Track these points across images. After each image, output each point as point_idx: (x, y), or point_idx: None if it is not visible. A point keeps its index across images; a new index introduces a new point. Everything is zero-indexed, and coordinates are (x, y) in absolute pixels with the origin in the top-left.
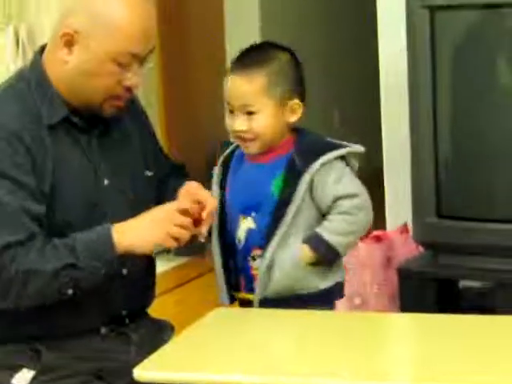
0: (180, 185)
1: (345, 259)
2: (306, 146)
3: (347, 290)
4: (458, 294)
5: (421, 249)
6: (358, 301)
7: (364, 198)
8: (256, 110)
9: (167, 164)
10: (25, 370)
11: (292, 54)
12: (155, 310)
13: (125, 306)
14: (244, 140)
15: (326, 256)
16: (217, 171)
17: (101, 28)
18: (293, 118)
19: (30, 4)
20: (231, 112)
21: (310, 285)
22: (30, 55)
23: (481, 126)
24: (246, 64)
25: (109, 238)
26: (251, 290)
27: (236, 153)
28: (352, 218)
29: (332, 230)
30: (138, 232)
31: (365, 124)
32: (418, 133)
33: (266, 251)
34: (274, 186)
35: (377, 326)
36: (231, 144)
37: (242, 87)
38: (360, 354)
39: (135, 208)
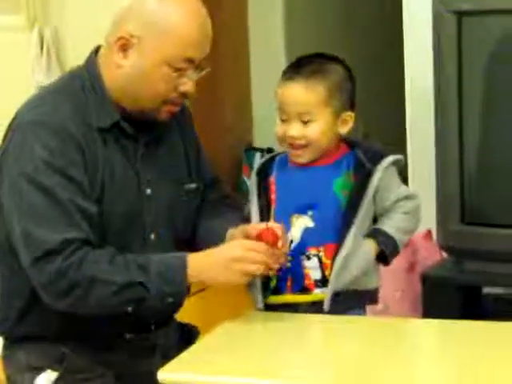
0: (217, 201)
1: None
2: (368, 149)
3: None
4: (482, 300)
5: (444, 255)
6: (380, 306)
7: (419, 200)
8: (313, 118)
9: (209, 177)
10: (49, 371)
11: (346, 66)
12: (178, 314)
13: (153, 317)
14: (296, 147)
15: (391, 253)
16: (253, 180)
17: (156, 32)
18: (344, 130)
19: (54, 6)
20: (284, 120)
21: (368, 282)
22: (54, 58)
23: (507, 135)
24: (307, 73)
25: (183, 269)
26: (301, 291)
27: (276, 161)
28: (414, 218)
29: (398, 228)
30: (213, 272)
31: (389, 131)
32: (443, 140)
33: (343, 247)
34: (336, 185)
35: (399, 331)
36: (253, 151)
37: (303, 96)
38: (382, 361)
39: (174, 220)
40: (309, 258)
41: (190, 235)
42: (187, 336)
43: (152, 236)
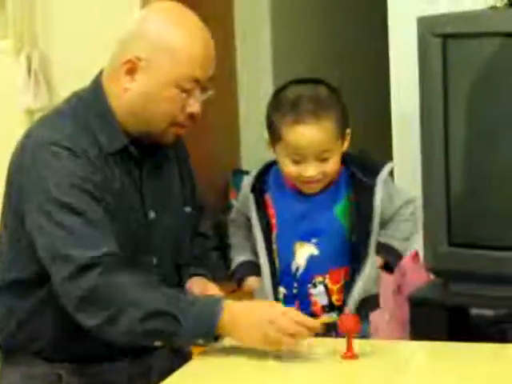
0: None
1: None
2: (361, 164)
3: None
4: (469, 322)
5: (432, 277)
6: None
7: (417, 200)
8: (331, 154)
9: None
10: None
11: (329, 85)
12: None
13: None
14: (310, 183)
15: (395, 262)
16: (250, 198)
17: (164, 53)
18: (345, 147)
19: (41, 31)
20: (297, 162)
21: (372, 288)
22: (42, 81)
23: (495, 156)
24: (312, 113)
25: (216, 316)
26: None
27: (271, 175)
28: (413, 222)
29: (401, 238)
30: (248, 331)
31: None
32: (429, 162)
33: (360, 276)
34: (337, 211)
35: (387, 353)
36: (240, 174)
37: (317, 136)
38: (369, 382)
39: (176, 243)
40: (315, 285)
41: (186, 257)
42: (182, 357)
43: (154, 260)
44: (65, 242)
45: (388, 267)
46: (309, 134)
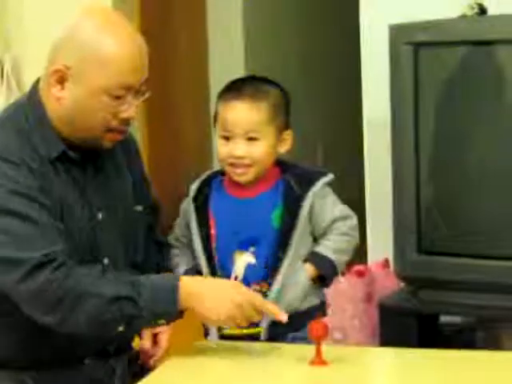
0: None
1: (326, 293)
2: (297, 173)
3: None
4: (439, 329)
5: (402, 284)
6: (338, 335)
7: (356, 219)
8: (259, 136)
9: (150, 201)
10: None
11: (280, 87)
12: None
13: (111, 341)
14: (239, 166)
15: (330, 274)
16: (191, 208)
17: (91, 62)
18: (283, 149)
19: (14, 35)
20: (226, 138)
21: (309, 302)
22: (14, 86)
23: (463, 164)
24: (250, 92)
25: (175, 292)
26: (251, 325)
27: (213, 186)
28: (350, 238)
29: (335, 250)
30: (208, 301)
31: (346, 161)
32: (400, 169)
33: (275, 281)
34: (274, 217)
35: (356, 360)
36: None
37: (249, 115)
38: None
39: (127, 243)
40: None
41: (142, 258)
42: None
43: (105, 260)
44: (11, 246)
45: (322, 279)
46: (240, 109)
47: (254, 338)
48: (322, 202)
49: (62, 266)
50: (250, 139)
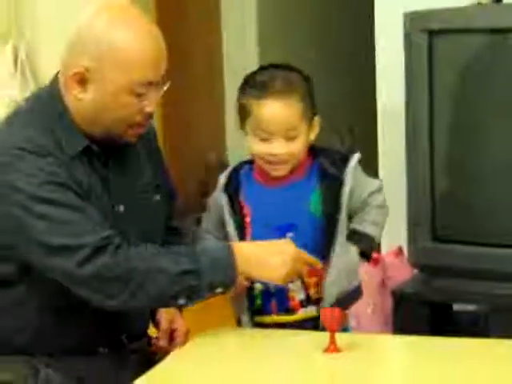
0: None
1: None
2: (329, 155)
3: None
4: (452, 317)
5: (415, 272)
6: (352, 323)
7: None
8: (297, 133)
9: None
10: None
11: (299, 71)
12: None
13: (124, 331)
14: (277, 163)
15: (369, 249)
16: (223, 198)
17: (110, 63)
18: (313, 135)
19: (28, 22)
20: (265, 139)
21: (353, 280)
22: (28, 73)
23: (478, 152)
24: (279, 88)
25: (232, 258)
26: (286, 312)
27: (242, 175)
28: (386, 210)
29: (373, 223)
30: (264, 265)
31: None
32: (414, 157)
33: (329, 265)
34: (312, 202)
35: (369, 347)
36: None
37: (284, 112)
38: (353, 375)
39: (147, 233)
40: (292, 280)
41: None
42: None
43: None
44: (65, 235)
45: (364, 255)
46: (277, 108)
47: (298, 325)
48: (358, 177)
49: (121, 248)
50: (289, 138)
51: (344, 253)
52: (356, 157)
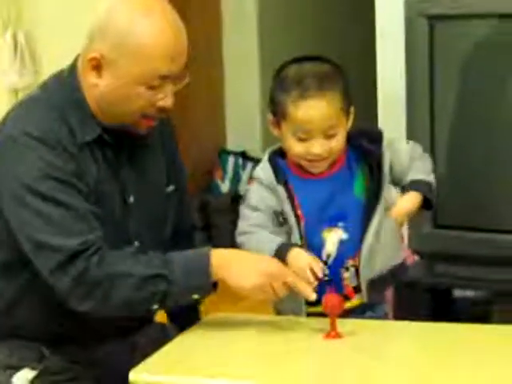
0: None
1: None
2: (360, 135)
3: None
4: (453, 303)
5: (416, 258)
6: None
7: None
8: (337, 130)
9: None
10: (26, 370)
11: (332, 62)
12: None
13: (135, 317)
14: (317, 161)
15: (431, 195)
16: (282, 192)
17: (127, 53)
18: (349, 124)
19: (27, 10)
20: (303, 139)
21: (396, 257)
22: (27, 60)
23: (478, 139)
24: (316, 85)
25: (206, 263)
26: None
27: (283, 169)
28: (429, 157)
29: (426, 172)
30: (241, 272)
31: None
32: (414, 141)
33: (365, 241)
34: (356, 187)
35: (370, 333)
36: (226, 154)
37: (323, 113)
38: (351, 362)
39: (157, 225)
40: (347, 269)
41: (170, 235)
42: (168, 336)
43: (136, 243)
44: (47, 230)
45: (425, 204)
46: (315, 108)
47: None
48: (393, 148)
49: (96, 253)
50: (329, 136)
51: (381, 227)
52: (383, 131)
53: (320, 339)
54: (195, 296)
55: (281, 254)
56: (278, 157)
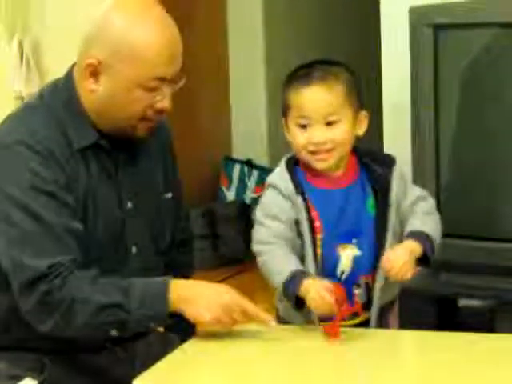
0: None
1: None
2: (373, 155)
3: None
4: (458, 312)
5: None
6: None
7: (432, 199)
8: (338, 119)
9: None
10: (28, 380)
11: (348, 68)
12: None
13: None
14: (320, 153)
15: (430, 250)
16: (300, 203)
17: (122, 56)
18: (361, 131)
19: (33, 16)
20: (303, 127)
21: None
22: (33, 67)
23: (484, 147)
24: (320, 75)
25: (164, 294)
26: (351, 317)
27: (300, 178)
28: (435, 216)
29: (430, 229)
30: (193, 304)
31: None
32: (419, 153)
33: (379, 273)
34: (369, 205)
35: (375, 341)
36: (231, 161)
37: (324, 97)
38: (357, 371)
39: (154, 231)
40: (359, 285)
41: (168, 242)
42: (168, 345)
43: (133, 249)
44: (20, 248)
45: (422, 260)
46: (316, 92)
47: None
48: (403, 181)
49: (60, 276)
50: (329, 124)
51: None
52: (397, 160)
53: (324, 347)
54: (151, 325)
55: (289, 292)
56: (294, 165)
